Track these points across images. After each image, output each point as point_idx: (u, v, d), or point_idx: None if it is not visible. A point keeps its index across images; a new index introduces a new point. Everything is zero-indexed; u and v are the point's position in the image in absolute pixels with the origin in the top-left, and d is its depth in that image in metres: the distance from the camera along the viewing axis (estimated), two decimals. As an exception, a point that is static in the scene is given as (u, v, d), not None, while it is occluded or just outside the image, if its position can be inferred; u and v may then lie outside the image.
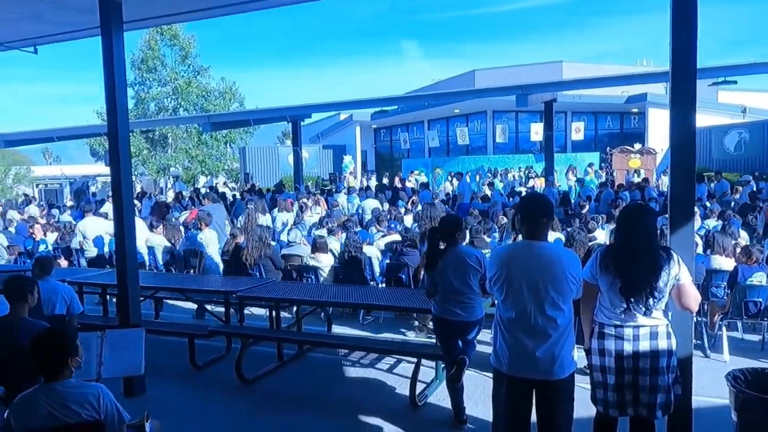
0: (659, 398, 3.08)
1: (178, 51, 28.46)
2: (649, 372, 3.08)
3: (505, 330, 3.12)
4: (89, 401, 2.73)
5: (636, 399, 3.12)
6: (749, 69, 13.13)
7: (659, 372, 3.08)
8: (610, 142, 25.39)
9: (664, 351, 3.09)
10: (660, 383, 3.08)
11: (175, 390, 5.23)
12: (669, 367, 3.11)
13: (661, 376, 3.08)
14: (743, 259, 6.13)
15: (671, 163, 3.57)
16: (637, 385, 3.10)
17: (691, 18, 3.43)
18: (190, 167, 29.61)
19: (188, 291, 6.45)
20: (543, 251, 3.07)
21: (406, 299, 5.58)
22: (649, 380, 3.08)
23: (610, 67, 27.76)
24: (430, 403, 4.77)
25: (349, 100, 18.20)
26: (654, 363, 3.08)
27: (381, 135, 33.59)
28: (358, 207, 12.85)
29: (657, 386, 3.08)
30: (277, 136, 56.18)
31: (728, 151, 21.10)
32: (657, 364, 3.08)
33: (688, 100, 3.50)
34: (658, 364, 3.08)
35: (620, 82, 18.06)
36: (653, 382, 3.08)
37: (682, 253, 3.29)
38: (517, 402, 3.13)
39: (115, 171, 4.96)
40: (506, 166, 22.07)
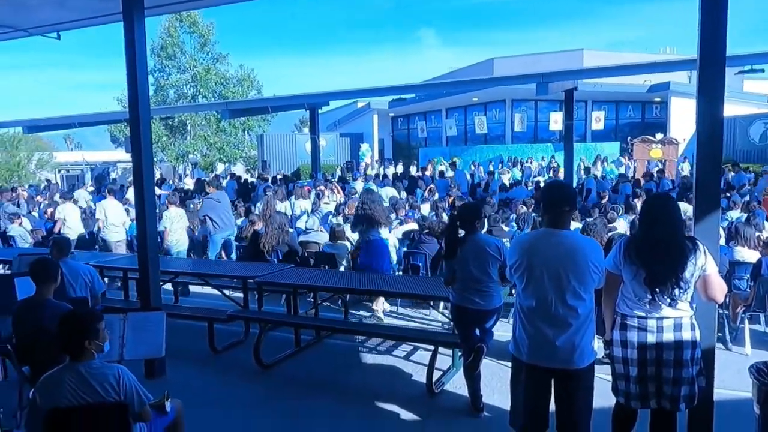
0: (683, 390, 3.04)
1: (197, 38, 28.56)
2: (673, 364, 3.04)
3: (525, 318, 3.11)
4: (110, 382, 2.78)
5: (659, 391, 3.08)
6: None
7: (683, 364, 3.03)
8: (631, 131, 25.01)
9: (688, 343, 3.05)
10: (684, 375, 3.04)
11: (195, 373, 5.31)
12: (693, 359, 3.06)
13: (685, 369, 3.04)
14: (767, 251, 6.03)
15: (697, 153, 3.50)
16: (660, 378, 3.06)
17: (721, 4, 3.34)
18: (209, 154, 29.82)
19: (207, 276, 6.51)
20: (565, 240, 3.04)
21: (423, 287, 5.59)
22: (673, 372, 3.04)
23: (632, 55, 27.28)
24: (447, 391, 4.78)
25: (367, 87, 18.12)
26: (678, 355, 3.03)
27: (398, 123, 33.47)
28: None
29: (681, 378, 3.04)
30: (294, 124, 56.28)
31: (753, 141, 20.69)
32: (681, 356, 3.03)
33: (716, 88, 3.41)
34: (682, 356, 3.03)
35: (643, 70, 17.71)
36: (677, 375, 3.04)
37: (708, 243, 3.23)
38: (536, 390, 3.12)
39: (136, 156, 5.01)
40: (525, 155, 21.89)
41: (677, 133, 22.39)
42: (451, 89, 23.42)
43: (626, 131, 25.65)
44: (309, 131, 18.88)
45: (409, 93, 19.13)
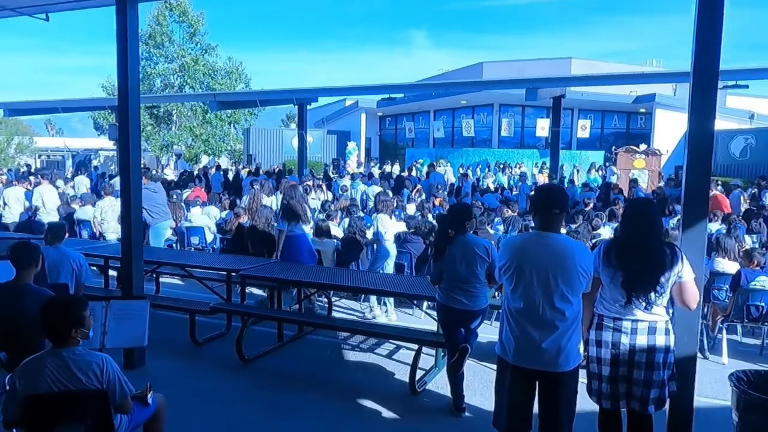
0: (652, 393, 3.10)
1: (187, 28, 28.28)
2: (644, 366, 3.10)
3: (512, 320, 3.12)
4: (93, 370, 2.73)
5: (629, 392, 3.14)
6: (761, 74, 13.04)
7: (654, 367, 3.09)
8: (615, 141, 25.34)
9: (661, 347, 3.11)
10: (654, 378, 3.10)
11: (175, 365, 5.24)
12: (665, 363, 3.13)
13: (656, 372, 3.10)
14: (746, 262, 6.14)
15: (687, 165, 3.52)
16: (631, 379, 3.12)
17: (717, 22, 3.36)
18: (194, 146, 29.52)
19: (190, 267, 6.44)
20: (555, 243, 3.05)
21: (409, 285, 5.58)
22: (644, 374, 3.10)
23: (619, 66, 27.65)
24: (429, 390, 4.78)
25: (357, 85, 18.11)
26: (650, 357, 3.09)
27: (386, 123, 33.47)
28: (363, 193, 12.82)
29: (651, 381, 3.10)
30: (282, 119, 55.96)
31: (734, 156, 21.06)
32: (653, 359, 3.09)
33: (708, 104, 3.44)
34: (654, 359, 3.09)
35: (630, 80, 17.97)
36: (648, 377, 3.10)
37: (693, 252, 3.28)
38: (521, 392, 3.13)
39: (123, 145, 4.94)
40: (511, 160, 22.03)
41: (660, 145, 22.70)
42: (442, 91, 23.48)
43: (611, 140, 25.98)
44: (297, 127, 18.78)
45: (398, 93, 19.14)
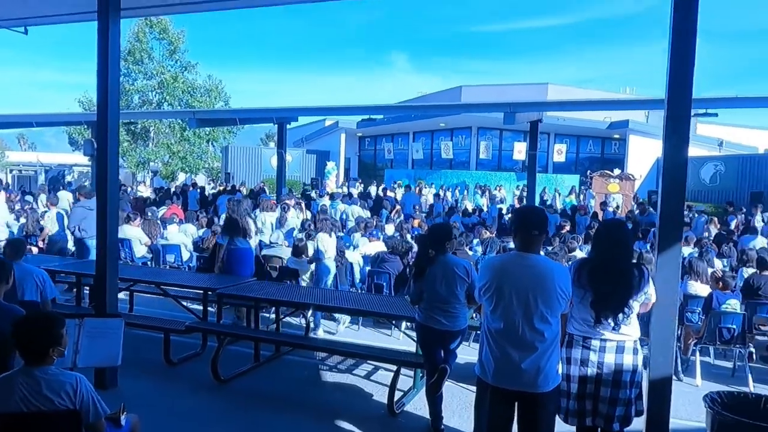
0: (618, 410, 3.16)
1: (167, 45, 28.24)
2: (611, 384, 3.16)
3: (492, 340, 3.12)
4: (65, 390, 2.65)
5: (595, 409, 3.20)
6: (730, 103, 13.47)
7: (621, 385, 3.16)
8: (590, 165, 25.81)
9: (628, 365, 3.18)
10: (620, 396, 3.16)
11: (148, 385, 5.12)
12: (632, 382, 3.20)
13: (623, 390, 3.16)
14: (718, 285, 6.27)
15: (661, 190, 3.61)
16: (597, 396, 3.19)
17: (689, 57, 3.47)
18: (171, 163, 29.26)
19: (166, 285, 6.33)
20: (535, 264, 3.09)
21: (387, 305, 5.57)
22: (610, 392, 3.16)
23: (594, 92, 28.29)
24: (408, 412, 4.74)
25: (337, 105, 18.20)
26: (617, 376, 3.16)
27: (366, 143, 33.64)
28: (342, 213, 12.82)
29: (617, 399, 3.16)
30: (261, 138, 55.86)
31: (704, 182, 21.62)
32: (620, 378, 3.16)
33: (681, 132, 3.53)
34: (621, 378, 3.16)
35: (605, 106, 18.44)
36: (614, 395, 3.16)
37: (669, 275, 3.35)
38: (500, 413, 3.12)
39: (101, 161, 4.86)
40: (488, 182, 22.29)
41: (634, 170, 23.22)
42: (421, 113, 23.72)
43: (586, 165, 26.45)
44: (276, 146, 18.76)
45: (378, 114, 19.30)
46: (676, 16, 3.40)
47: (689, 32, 3.43)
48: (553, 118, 21.65)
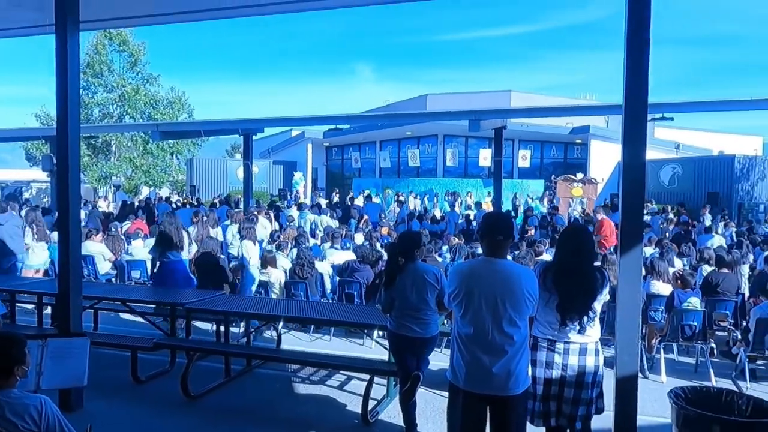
0: (580, 410, 3.27)
1: (127, 57, 27.77)
2: (574, 385, 3.26)
3: (462, 345, 3.16)
4: (30, 413, 2.58)
5: (559, 410, 3.30)
6: (685, 107, 13.94)
7: (583, 386, 3.27)
8: (554, 170, 26.33)
9: (590, 367, 3.30)
10: (583, 396, 3.26)
11: (116, 404, 4.99)
12: (594, 383, 3.31)
13: (585, 390, 3.27)
14: (678, 284, 6.47)
15: (622, 193, 3.72)
16: (561, 397, 3.27)
17: (643, 61, 3.59)
18: (134, 177, 28.69)
19: (132, 302, 6.20)
20: (502, 268, 3.14)
21: (358, 315, 5.57)
22: (573, 393, 3.26)
23: (556, 99, 28.91)
24: (382, 420, 4.74)
25: (303, 116, 18.14)
26: (580, 377, 3.26)
27: (333, 153, 33.62)
28: (312, 223, 12.77)
29: (580, 399, 3.27)
30: (226, 149, 55.23)
31: (663, 184, 22.28)
32: (582, 379, 3.26)
33: (639, 136, 3.65)
34: (583, 379, 3.26)
35: (567, 112, 18.85)
36: (576, 395, 3.26)
37: (631, 275, 3.44)
38: (472, 417, 3.16)
39: (62, 175, 4.75)
40: (456, 189, 22.51)
41: (596, 173, 23.81)
42: (388, 122, 23.85)
43: (550, 170, 26.97)
44: (242, 157, 18.57)
45: (344, 123, 19.32)
46: (630, 26, 3.52)
47: (643, 41, 3.55)
48: (517, 124, 22.03)
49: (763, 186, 20.72)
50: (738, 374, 5.94)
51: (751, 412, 3.19)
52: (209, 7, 5.07)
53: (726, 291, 6.94)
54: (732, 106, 13.02)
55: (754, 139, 33.72)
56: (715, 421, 3.05)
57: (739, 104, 12.84)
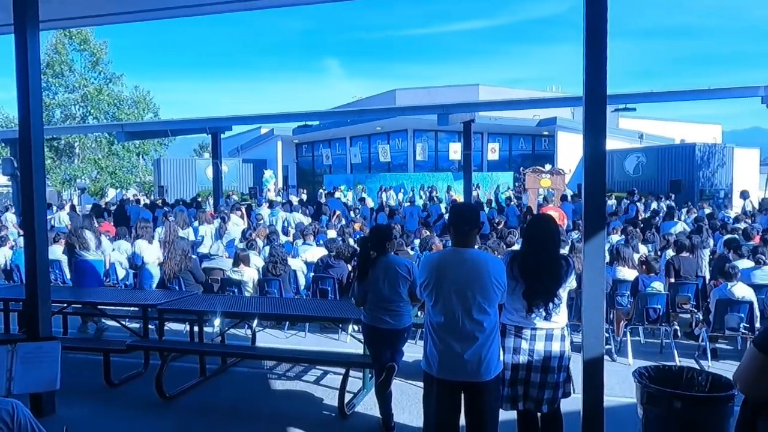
0: (546, 394, 3.37)
1: (89, 57, 27.17)
2: (540, 370, 3.36)
3: (434, 334, 3.24)
4: (2, 417, 2.56)
5: (526, 394, 3.39)
6: (647, 98, 14.31)
7: (549, 370, 3.36)
8: (523, 162, 26.70)
9: (556, 352, 3.39)
10: (549, 380, 3.36)
11: (89, 409, 4.94)
12: (560, 367, 3.40)
13: (551, 374, 3.37)
14: (644, 269, 6.69)
15: (584, 182, 3.84)
16: (528, 381, 3.37)
17: (601, 53, 3.71)
18: (99, 179, 28.12)
19: (102, 305, 6.12)
20: (470, 257, 3.22)
21: (333, 310, 5.61)
22: (540, 377, 3.36)
23: (523, 92, 29.28)
24: (359, 412, 4.80)
25: (272, 113, 18.03)
26: (546, 362, 3.36)
27: (303, 150, 33.49)
28: (284, 220, 12.73)
29: (546, 383, 3.37)
30: (194, 149, 54.38)
31: (628, 173, 22.81)
32: (549, 363, 3.36)
33: (599, 126, 3.76)
34: (549, 363, 3.36)
35: (535, 105, 19.14)
36: (543, 380, 3.36)
37: (595, 261, 3.56)
38: (447, 404, 3.23)
39: (26, 179, 4.66)
40: (426, 183, 22.66)
41: (564, 164, 24.19)
42: (357, 117, 23.86)
43: (519, 162, 27.34)
44: (211, 156, 18.36)
45: (314, 120, 19.27)
46: (588, 20, 3.63)
47: (601, 34, 3.66)
48: (485, 118, 22.29)
49: (722, 173, 21.41)
50: (700, 354, 6.18)
51: (710, 388, 3.35)
52: (170, 6, 5.02)
53: (687, 275, 7.20)
54: (691, 96, 13.42)
55: (713, 127, 34.78)
56: (676, 397, 3.20)
57: (698, 94, 13.25)
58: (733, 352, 6.47)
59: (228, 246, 9.70)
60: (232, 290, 7.25)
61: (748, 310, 5.88)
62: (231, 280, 7.36)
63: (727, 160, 21.67)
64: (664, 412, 3.23)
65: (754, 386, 2.10)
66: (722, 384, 3.31)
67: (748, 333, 5.80)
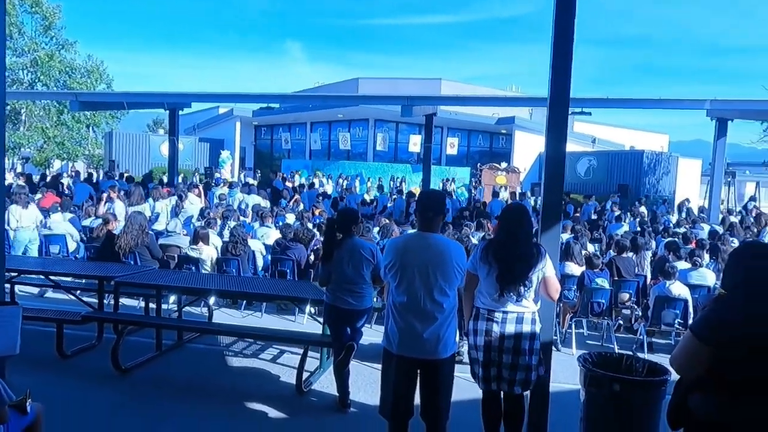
0: (518, 375, 3.54)
1: (40, 20, 25.97)
2: (511, 351, 3.52)
3: (396, 313, 3.39)
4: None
5: (499, 375, 3.56)
6: (602, 103, 14.87)
7: (521, 352, 3.53)
8: (480, 158, 27.23)
9: (527, 334, 3.56)
10: (520, 362, 3.53)
11: (41, 378, 4.86)
12: (531, 350, 3.57)
13: (522, 357, 3.53)
14: (589, 265, 7.05)
15: (544, 182, 4.05)
16: (500, 363, 3.54)
17: (567, 61, 3.90)
18: (45, 149, 27.01)
19: (56, 275, 6.00)
20: (434, 242, 3.39)
21: (292, 289, 5.68)
22: (511, 359, 3.53)
23: (485, 89, 29.79)
24: (315, 390, 4.92)
25: (233, 93, 17.76)
26: (516, 344, 3.53)
27: (262, 133, 33.05)
28: (241, 201, 12.65)
29: (518, 365, 3.53)
30: (147, 124, 52.83)
31: (579, 175, 23.62)
32: (519, 345, 3.53)
33: (561, 129, 3.98)
34: (520, 345, 3.53)
35: (498, 103, 19.58)
36: (514, 361, 3.53)
37: (550, 253, 3.78)
38: (404, 379, 3.40)
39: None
40: (385, 173, 22.85)
41: (519, 163, 24.87)
42: (319, 103, 23.77)
43: (476, 158, 27.87)
44: (168, 133, 17.96)
45: (276, 102, 19.06)
46: (557, 29, 3.82)
47: (567, 44, 3.85)
48: (446, 112, 22.59)
49: (667, 180, 22.46)
50: (638, 347, 6.58)
51: (647, 373, 3.63)
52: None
53: (626, 274, 7.62)
54: (643, 104, 14.06)
55: (661, 137, 36.36)
56: (616, 380, 3.46)
57: (650, 103, 13.89)
58: (668, 347, 6.90)
59: (185, 224, 9.59)
60: (189, 267, 7.22)
61: (683, 308, 6.31)
62: (189, 258, 7.33)
63: (671, 168, 22.75)
64: (604, 394, 3.49)
65: (688, 367, 2.34)
66: (657, 370, 3.59)
67: (682, 329, 6.22)
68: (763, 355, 2.17)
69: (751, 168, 27.78)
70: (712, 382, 2.27)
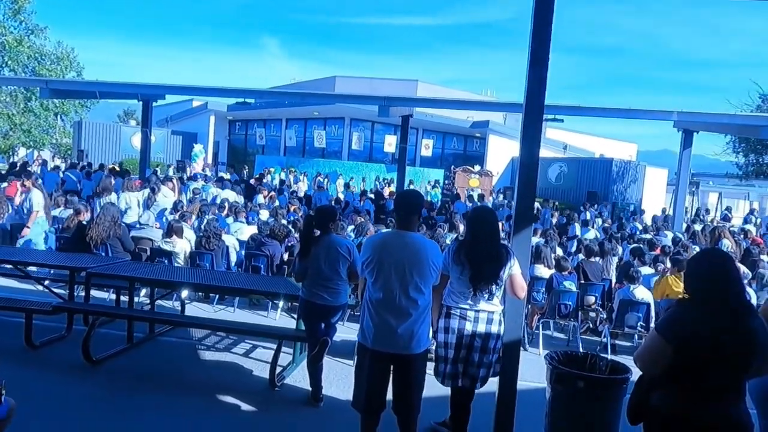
0: (482, 372, 3.73)
1: (9, 4, 25.24)
2: (480, 350, 3.70)
3: (372, 309, 3.48)
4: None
5: (465, 372, 3.72)
6: (574, 111, 15.20)
7: (487, 351, 3.71)
8: (454, 161, 27.52)
9: (494, 334, 3.75)
10: (485, 360, 3.72)
11: (8, 369, 4.78)
12: (495, 348, 3.77)
13: (488, 355, 3.72)
14: (558, 269, 7.25)
15: (518, 186, 4.16)
16: (468, 360, 3.69)
17: (544, 68, 4.03)
18: (11, 136, 26.28)
19: (25, 264, 5.91)
20: (410, 240, 3.49)
21: (266, 284, 5.71)
22: (478, 357, 3.70)
23: (460, 92, 30.10)
24: (288, 384, 4.97)
25: (209, 86, 17.56)
26: (485, 343, 3.70)
27: (236, 128, 32.77)
28: (214, 197, 12.55)
29: (483, 362, 3.72)
30: (118, 114, 51.80)
31: (550, 180, 24.06)
32: (487, 344, 3.71)
33: (536, 134, 4.10)
34: (488, 344, 3.71)
35: (473, 106, 19.82)
36: (480, 359, 3.70)
37: (521, 259, 3.92)
38: (378, 373, 3.49)
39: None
40: (359, 173, 22.91)
41: (492, 167, 25.22)
42: (297, 100, 23.67)
43: (450, 160, 28.15)
44: (141, 124, 17.66)
45: (251, 98, 18.93)
46: (535, 36, 3.94)
47: (544, 53, 3.98)
48: (421, 114, 22.77)
49: (634, 188, 23.06)
50: (602, 348, 6.79)
51: (609, 371, 3.80)
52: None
53: (593, 277, 7.85)
54: (614, 113, 14.40)
55: (629, 145, 37.26)
56: (580, 378, 3.62)
57: (620, 112, 14.24)
58: (630, 349, 7.13)
59: (158, 217, 9.50)
60: (162, 261, 7.18)
61: (646, 311, 6.54)
62: (161, 251, 7.29)
63: (639, 177, 23.35)
64: (569, 390, 3.64)
65: (651, 364, 2.49)
66: (619, 369, 3.77)
67: (644, 331, 6.45)
68: (720, 353, 2.33)
69: (714, 179, 28.76)
70: (673, 379, 2.42)
